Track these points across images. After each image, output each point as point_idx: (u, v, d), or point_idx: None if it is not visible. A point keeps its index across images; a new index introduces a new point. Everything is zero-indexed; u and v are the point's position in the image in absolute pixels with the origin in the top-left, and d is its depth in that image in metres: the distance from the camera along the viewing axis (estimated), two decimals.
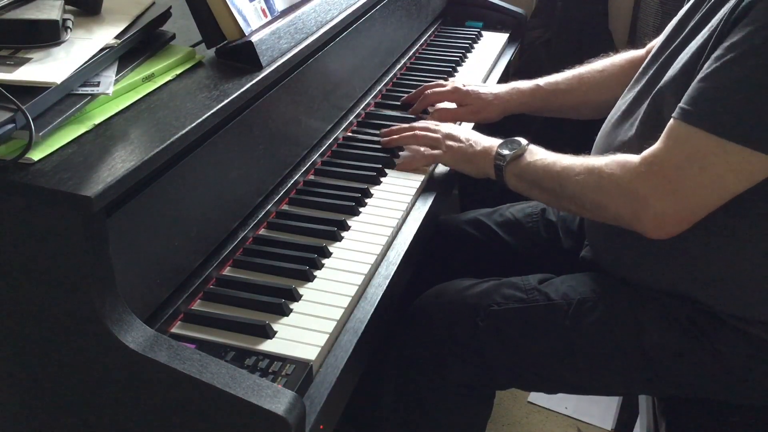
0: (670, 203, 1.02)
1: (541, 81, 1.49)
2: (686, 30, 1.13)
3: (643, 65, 1.23)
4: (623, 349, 1.14)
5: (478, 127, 1.46)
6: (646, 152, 1.05)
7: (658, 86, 1.11)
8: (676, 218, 1.03)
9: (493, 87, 1.51)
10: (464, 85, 1.50)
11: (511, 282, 1.24)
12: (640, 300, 1.16)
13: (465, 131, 1.31)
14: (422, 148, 1.33)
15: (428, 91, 1.50)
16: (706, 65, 1.00)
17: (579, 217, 1.39)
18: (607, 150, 1.19)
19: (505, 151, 1.21)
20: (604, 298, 1.17)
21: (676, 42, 1.14)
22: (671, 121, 1.03)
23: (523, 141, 1.21)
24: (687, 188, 1.01)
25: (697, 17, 1.12)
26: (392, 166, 1.33)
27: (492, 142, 1.25)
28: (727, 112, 0.97)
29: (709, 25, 1.05)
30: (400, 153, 1.37)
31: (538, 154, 1.19)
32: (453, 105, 1.51)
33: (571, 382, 1.22)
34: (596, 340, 1.15)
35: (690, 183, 1.00)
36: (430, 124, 1.36)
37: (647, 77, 1.18)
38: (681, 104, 1.01)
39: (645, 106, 1.13)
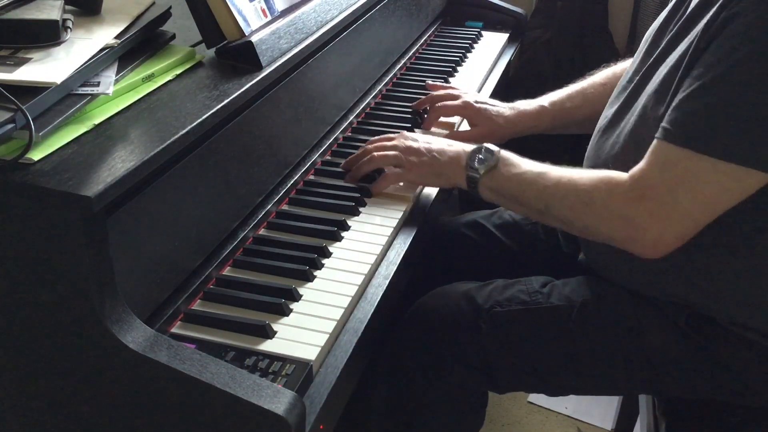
0: (666, 226, 1.01)
1: (545, 101, 1.45)
2: (666, 39, 1.11)
3: (629, 74, 1.20)
4: (625, 351, 1.14)
5: None
6: (634, 173, 1.03)
7: (642, 99, 1.09)
8: (672, 239, 1.02)
9: (501, 107, 1.45)
10: (476, 102, 1.46)
11: (514, 284, 1.23)
12: (640, 303, 1.15)
13: (424, 141, 1.23)
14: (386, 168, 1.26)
15: (438, 104, 1.47)
16: (686, 83, 0.98)
17: None
18: (597, 161, 1.17)
19: (477, 164, 1.16)
20: (606, 302, 1.17)
21: (657, 51, 1.12)
22: (656, 141, 1.01)
23: (494, 147, 1.16)
24: (681, 210, 1.00)
25: (675, 26, 1.09)
26: None
27: (458, 149, 1.19)
28: (718, 131, 0.95)
29: (689, 37, 1.03)
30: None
31: (514, 166, 1.14)
32: (457, 118, 1.49)
33: (573, 385, 1.22)
34: (599, 343, 1.15)
35: (684, 205, 0.99)
36: (384, 141, 1.27)
37: (631, 87, 1.16)
38: (665, 124, 0.99)
39: (633, 118, 1.11)
